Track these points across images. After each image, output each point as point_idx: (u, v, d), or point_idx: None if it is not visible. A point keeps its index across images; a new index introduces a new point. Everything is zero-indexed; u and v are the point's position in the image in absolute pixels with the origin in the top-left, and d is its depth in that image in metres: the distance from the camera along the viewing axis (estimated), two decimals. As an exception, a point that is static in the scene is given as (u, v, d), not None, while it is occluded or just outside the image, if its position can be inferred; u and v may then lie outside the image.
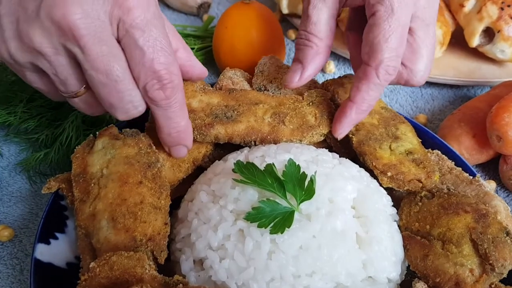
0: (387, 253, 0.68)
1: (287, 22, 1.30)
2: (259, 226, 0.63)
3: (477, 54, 1.16)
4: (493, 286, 0.66)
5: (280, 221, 0.64)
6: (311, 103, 0.81)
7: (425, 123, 1.08)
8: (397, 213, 0.76)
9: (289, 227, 0.63)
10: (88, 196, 0.70)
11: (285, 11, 1.26)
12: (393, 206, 0.76)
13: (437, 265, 0.67)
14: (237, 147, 0.82)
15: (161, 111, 0.68)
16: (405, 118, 0.87)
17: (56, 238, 0.73)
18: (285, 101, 0.80)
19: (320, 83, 0.91)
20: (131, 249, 0.65)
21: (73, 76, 0.64)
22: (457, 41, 1.18)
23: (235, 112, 0.77)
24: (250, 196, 0.67)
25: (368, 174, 0.77)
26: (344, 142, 0.85)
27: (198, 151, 0.79)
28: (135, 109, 0.67)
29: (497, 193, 0.95)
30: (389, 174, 0.75)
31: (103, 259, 0.62)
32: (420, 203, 0.74)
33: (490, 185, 0.94)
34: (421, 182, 0.75)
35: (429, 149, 0.83)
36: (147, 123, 0.81)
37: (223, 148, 0.84)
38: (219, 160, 0.79)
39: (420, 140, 0.82)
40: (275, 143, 0.77)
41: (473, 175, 0.81)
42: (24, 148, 0.97)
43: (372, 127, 0.81)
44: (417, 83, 0.80)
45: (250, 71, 0.93)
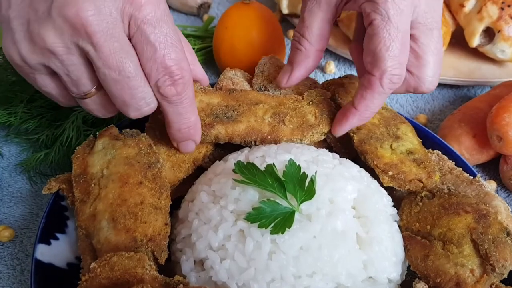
0: (388, 253, 0.68)
1: (287, 22, 1.30)
2: (259, 227, 0.63)
3: (477, 54, 1.16)
4: (493, 286, 0.66)
5: (280, 222, 0.64)
6: (310, 103, 0.81)
7: (425, 123, 1.08)
8: (397, 213, 0.76)
9: (289, 227, 0.64)
10: (88, 197, 0.70)
11: (285, 11, 1.26)
12: (393, 206, 0.76)
13: (437, 265, 0.67)
14: (237, 147, 0.82)
15: (172, 107, 0.68)
16: (406, 118, 0.87)
17: (57, 239, 0.73)
18: (285, 101, 0.80)
19: (321, 83, 0.91)
20: (131, 250, 0.65)
21: (85, 76, 0.64)
22: (457, 41, 1.18)
23: (235, 112, 0.77)
24: (251, 196, 0.67)
25: (368, 174, 0.77)
26: (344, 142, 0.85)
27: (199, 151, 0.79)
28: (147, 105, 0.67)
29: (497, 193, 0.95)
30: (390, 173, 0.75)
31: (103, 259, 0.62)
32: (420, 203, 0.74)
33: (491, 185, 0.94)
34: (422, 182, 0.75)
35: (430, 149, 0.83)
36: (147, 123, 0.81)
37: (223, 148, 0.84)
38: (219, 160, 0.79)
39: (421, 140, 0.82)
40: (276, 143, 0.77)
41: (474, 175, 0.81)
42: (25, 149, 0.97)
43: (373, 126, 0.81)
44: (426, 90, 0.79)
45: (250, 71, 0.93)
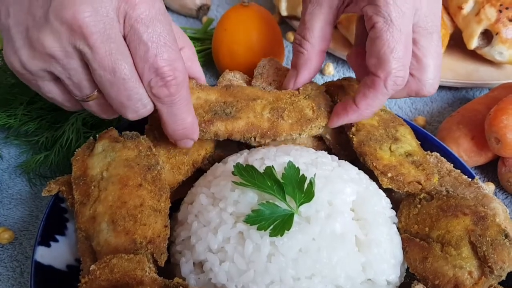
0: (386, 255, 0.68)
1: (286, 24, 1.30)
2: (258, 229, 0.64)
3: (475, 56, 1.17)
4: (492, 288, 0.67)
5: (279, 224, 0.64)
6: (307, 97, 0.82)
7: (424, 125, 1.08)
8: (396, 215, 0.76)
9: (288, 229, 0.64)
10: (88, 199, 0.70)
11: (284, 13, 1.26)
12: (392, 208, 0.76)
13: (436, 267, 0.67)
14: (235, 146, 0.83)
15: (166, 108, 0.68)
16: (404, 120, 0.87)
17: (57, 241, 0.74)
18: (281, 96, 0.81)
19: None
20: (131, 252, 0.65)
21: (86, 78, 0.64)
22: (456, 43, 1.19)
23: (234, 108, 0.77)
24: (250, 198, 0.67)
25: (367, 177, 0.78)
26: (343, 144, 0.86)
27: (198, 153, 0.80)
28: (144, 107, 0.67)
29: (495, 195, 0.95)
30: (389, 175, 0.75)
31: (103, 261, 0.62)
32: (419, 205, 0.75)
33: (489, 187, 0.94)
34: (421, 184, 0.75)
35: (428, 151, 0.83)
36: (147, 126, 0.82)
37: (223, 150, 0.85)
38: (218, 162, 0.80)
39: (419, 142, 0.83)
40: (275, 138, 0.78)
41: (472, 177, 0.81)
42: (24, 151, 0.97)
43: (372, 128, 0.82)
44: (427, 93, 0.79)
45: (249, 73, 0.93)
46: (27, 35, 0.60)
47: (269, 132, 0.77)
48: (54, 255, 0.72)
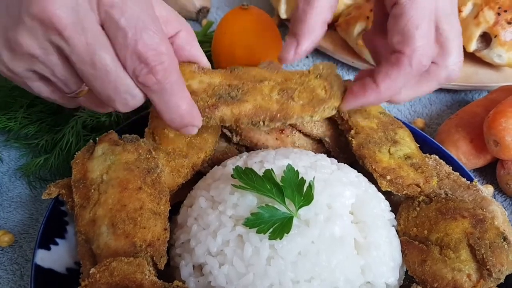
0: (385, 258, 0.68)
1: (285, 26, 1.30)
2: (258, 232, 0.64)
3: (474, 58, 1.17)
4: (490, 291, 0.67)
5: (279, 227, 0.64)
6: (318, 76, 0.76)
7: (423, 127, 1.08)
8: (395, 218, 0.76)
9: (287, 232, 0.64)
10: (88, 202, 0.70)
11: (283, 16, 1.26)
12: (391, 211, 0.76)
13: (434, 270, 0.67)
14: (235, 149, 0.83)
15: (156, 96, 0.62)
16: (403, 123, 0.88)
17: (56, 244, 0.74)
18: (290, 76, 0.76)
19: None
20: (131, 255, 0.65)
21: (70, 74, 0.61)
22: (455, 46, 1.19)
23: (240, 91, 0.72)
24: (249, 201, 0.68)
25: (366, 180, 0.78)
26: (342, 147, 0.86)
27: (197, 156, 0.80)
28: (133, 98, 0.62)
29: (494, 198, 0.95)
30: (388, 177, 0.75)
31: (103, 265, 0.62)
32: (418, 208, 0.75)
33: (488, 190, 0.95)
34: (420, 187, 0.75)
35: (427, 154, 0.83)
36: (146, 129, 0.82)
37: (223, 153, 0.85)
38: (218, 165, 0.80)
39: (418, 145, 0.83)
40: (286, 121, 0.73)
41: (471, 180, 0.81)
42: (24, 154, 0.97)
43: (371, 130, 0.82)
44: (455, 77, 0.75)
45: (249, 76, 0.93)
46: (6, 36, 0.58)
47: (279, 115, 0.71)
48: (54, 258, 0.72)
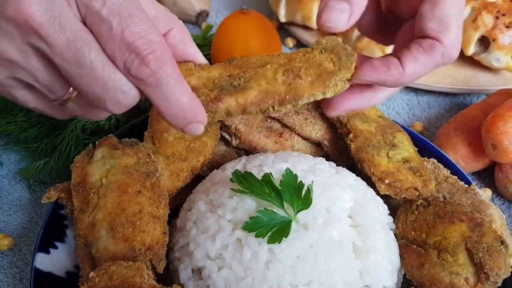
0: (384, 262, 0.69)
1: (284, 30, 1.31)
2: (256, 236, 0.64)
3: (473, 62, 1.17)
4: (488, 294, 0.67)
5: (277, 231, 0.64)
6: (323, 50, 0.70)
7: (421, 131, 1.08)
8: (393, 221, 0.76)
9: (286, 236, 0.64)
10: (87, 206, 0.71)
11: (282, 19, 1.27)
12: (389, 214, 0.76)
13: (432, 273, 0.67)
14: (234, 153, 0.83)
15: (153, 90, 0.57)
16: (402, 126, 0.88)
17: (56, 247, 0.74)
18: (293, 55, 0.70)
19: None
20: (130, 259, 0.65)
21: (55, 78, 0.56)
22: (453, 49, 1.19)
23: (242, 79, 0.66)
24: (248, 205, 0.68)
25: (365, 183, 0.78)
26: (341, 150, 0.86)
27: (197, 160, 0.80)
28: (125, 96, 0.56)
29: (493, 201, 0.95)
30: (386, 181, 0.75)
31: (102, 268, 0.63)
32: (416, 212, 0.75)
33: (486, 193, 0.95)
34: (418, 191, 0.75)
35: (425, 158, 0.84)
36: (146, 132, 0.82)
37: (222, 156, 0.85)
38: (217, 169, 0.80)
39: (417, 149, 0.83)
40: (296, 102, 0.66)
41: (469, 183, 0.81)
42: (24, 157, 0.97)
43: (370, 134, 0.82)
44: (454, 59, 0.67)
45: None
46: None
47: (288, 96, 0.65)
48: (53, 261, 0.72)
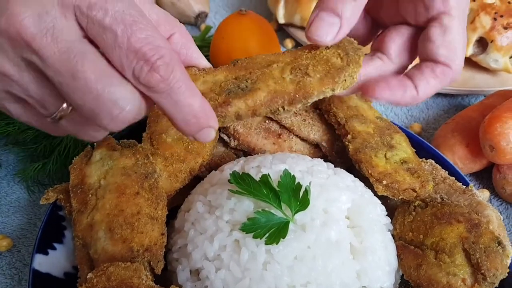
0: (381, 262, 0.69)
1: (283, 31, 1.31)
2: (254, 237, 0.64)
3: (471, 63, 1.17)
4: (485, 295, 0.67)
5: (275, 232, 0.65)
6: (329, 46, 0.69)
7: (420, 132, 1.09)
8: (391, 222, 0.76)
9: (284, 237, 0.64)
10: (86, 207, 0.71)
11: (281, 20, 1.27)
12: (387, 215, 0.77)
13: (430, 274, 0.68)
14: (232, 154, 0.82)
15: (164, 97, 0.55)
16: (400, 128, 0.88)
17: (54, 249, 0.74)
18: (299, 53, 0.69)
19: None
20: (128, 260, 0.65)
21: (48, 93, 0.54)
22: (451, 50, 1.20)
23: (249, 81, 0.65)
24: (246, 207, 0.68)
25: (362, 184, 0.78)
26: (339, 151, 0.87)
27: (195, 161, 0.80)
28: (121, 110, 0.53)
29: (490, 202, 0.96)
30: (384, 182, 0.75)
31: (100, 270, 0.63)
32: (413, 213, 0.75)
33: (484, 194, 0.95)
34: (415, 192, 0.76)
35: (423, 159, 0.84)
36: (144, 134, 0.82)
37: (220, 157, 0.85)
38: (215, 170, 0.80)
39: (415, 150, 0.83)
40: (306, 100, 0.65)
41: (466, 184, 0.81)
42: (23, 158, 0.97)
43: (367, 135, 0.82)
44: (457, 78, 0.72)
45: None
46: None
47: (297, 95, 0.64)
48: (52, 262, 0.73)
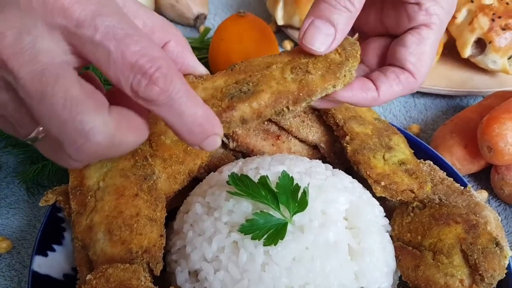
0: (379, 264, 0.69)
1: (282, 33, 1.32)
2: (253, 238, 0.64)
3: (469, 64, 1.18)
4: (482, 296, 0.67)
5: (273, 233, 0.65)
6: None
7: (418, 133, 1.09)
8: (389, 223, 0.77)
9: (282, 239, 0.64)
10: (85, 209, 0.71)
11: (280, 22, 1.27)
12: (385, 216, 0.77)
13: (428, 275, 0.68)
14: (231, 155, 0.83)
15: (166, 110, 0.53)
16: (398, 129, 0.88)
17: (54, 250, 0.74)
18: (297, 52, 0.69)
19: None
20: (127, 261, 0.66)
21: (23, 113, 0.52)
22: (450, 51, 1.20)
23: (250, 84, 0.64)
24: (244, 208, 0.68)
25: (361, 185, 0.78)
26: (338, 153, 0.87)
27: (194, 162, 0.80)
28: (86, 140, 0.49)
29: (489, 203, 0.96)
30: (382, 183, 0.75)
31: (99, 271, 0.63)
32: (412, 214, 0.75)
33: (482, 195, 0.95)
34: (414, 193, 0.76)
35: (421, 160, 0.84)
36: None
37: (219, 159, 0.86)
38: (214, 171, 0.81)
39: (413, 151, 0.84)
40: (310, 98, 0.65)
41: (465, 185, 0.82)
42: (22, 160, 0.97)
43: (366, 137, 0.83)
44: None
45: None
46: None
47: (301, 94, 0.64)
48: (51, 264, 0.73)
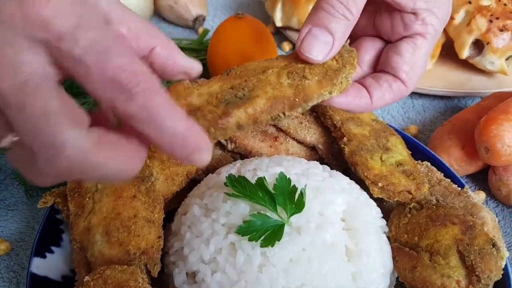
0: (376, 265, 0.69)
1: (280, 34, 1.32)
2: (250, 240, 0.65)
3: (467, 65, 1.18)
4: (479, 297, 0.68)
5: (270, 235, 0.65)
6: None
7: (416, 134, 1.09)
8: (386, 224, 0.77)
9: (279, 240, 0.65)
10: (83, 211, 0.71)
11: (278, 24, 1.28)
12: (382, 217, 0.77)
13: (424, 276, 0.68)
14: (229, 157, 0.83)
15: (146, 125, 0.50)
16: (396, 130, 0.88)
17: (52, 252, 0.75)
18: (293, 56, 0.68)
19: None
20: (124, 263, 0.66)
21: None
22: (448, 53, 1.20)
23: (246, 89, 0.63)
24: (242, 209, 0.68)
25: (358, 187, 0.79)
26: (335, 154, 0.87)
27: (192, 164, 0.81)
28: (56, 152, 0.46)
29: (486, 204, 0.96)
30: (380, 184, 0.76)
31: (97, 273, 0.63)
32: (409, 215, 0.75)
33: (480, 196, 0.95)
34: (411, 194, 0.76)
35: (419, 161, 0.84)
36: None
37: (217, 160, 0.86)
38: (212, 173, 0.81)
39: (410, 152, 0.84)
40: (307, 104, 0.64)
41: (462, 186, 0.82)
42: (21, 162, 0.98)
43: (363, 138, 0.83)
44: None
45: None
46: None
47: (297, 99, 0.63)
48: (49, 265, 0.73)
